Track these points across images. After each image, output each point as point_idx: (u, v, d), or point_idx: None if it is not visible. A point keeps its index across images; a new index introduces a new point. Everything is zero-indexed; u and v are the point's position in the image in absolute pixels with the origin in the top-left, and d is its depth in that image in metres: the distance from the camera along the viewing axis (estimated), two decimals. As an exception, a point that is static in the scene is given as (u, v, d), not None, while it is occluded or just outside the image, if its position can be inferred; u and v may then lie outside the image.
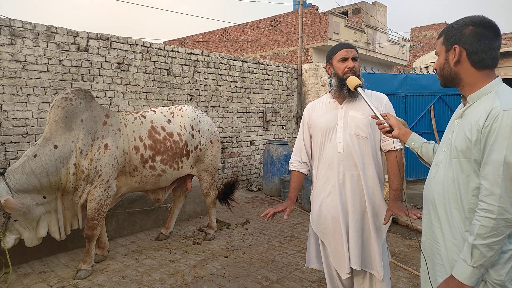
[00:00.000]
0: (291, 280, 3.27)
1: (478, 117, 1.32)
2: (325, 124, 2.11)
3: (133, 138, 3.52)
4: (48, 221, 3.21)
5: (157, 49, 5.87)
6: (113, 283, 3.19)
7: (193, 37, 18.85)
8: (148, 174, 3.63)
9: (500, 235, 1.23)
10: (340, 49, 2.08)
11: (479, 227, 1.25)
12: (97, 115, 3.33)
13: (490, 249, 1.24)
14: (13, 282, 3.16)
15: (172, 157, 3.77)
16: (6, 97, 4.38)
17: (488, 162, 1.27)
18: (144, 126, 3.64)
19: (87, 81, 5.04)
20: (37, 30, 4.60)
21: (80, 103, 3.25)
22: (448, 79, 1.47)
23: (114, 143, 3.35)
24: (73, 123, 3.18)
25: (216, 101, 6.78)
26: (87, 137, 3.22)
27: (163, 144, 3.70)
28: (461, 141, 1.37)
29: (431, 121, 7.92)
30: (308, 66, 8.45)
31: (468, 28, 1.39)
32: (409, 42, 19.45)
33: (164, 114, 3.91)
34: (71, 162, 3.16)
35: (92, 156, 3.22)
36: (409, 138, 1.71)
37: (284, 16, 15.06)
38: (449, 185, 1.41)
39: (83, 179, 3.22)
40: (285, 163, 6.51)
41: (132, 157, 3.50)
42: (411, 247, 4.15)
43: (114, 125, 3.42)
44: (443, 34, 1.48)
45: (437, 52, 1.51)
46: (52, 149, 3.09)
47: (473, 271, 1.28)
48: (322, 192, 2.15)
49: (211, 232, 4.35)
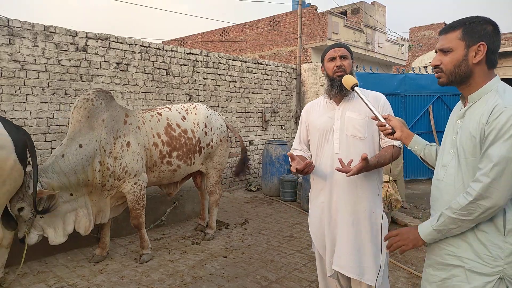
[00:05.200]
0: (290, 280, 3.27)
1: (482, 115, 1.33)
2: (322, 125, 2.11)
3: (151, 135, 3.70)
4: (74, 217, 3.32)
5: (156, 49, 5.86)
6: (112, 283, 3.18)
7: (192, 37, 18.83)
8: (165, 169, 3.83)
9: (467, 216, 1.33)
10: (329, 50, 2.11)
11: (455, 202, 1.37)
12: (118, 114, 3.47)
13: (453, 223, 1.37)
14: (11, 282, 3.16)
15: (186, 153, 3.96)
16: (4, 97, 4.37)
17: (485, 155, 1.30)
18: (160, 123, 3.82)
19: (85, 81, 5.03)
20: (36, 30, 4.59)
21: (101, 103, 3.38)
22: (461, 77, 1.40)
23: (136, 140, 3.52)
24: (95, 122, 3.32)
25: (215, 101, 6.77)
26: (109, 136, 3.36)
27: (179, 140, 3.89)
28: (466, 141, 1.38)
29: (430, 121, 7.93)
30: (307, 66, 8.44)
31: (489, 26, 1.37)
32: (408, 42, 19.47)
33: (179, 111, 4.08)
34: (96, 160, 3.30)
35: (116, 154, 3.38)
36: (411, 141, 1.68)
37: (283, 16, 15.05)
38: (459, 187, 1.42)
39: (110, 176, 3.38)
40: (284, 163, 6.51)
41: (152, 153, 3.68)
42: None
43: (134, 123, 3.58)
44: (459, 28, 1.39)
45: (448, 47, 1.40)
46: (78, 148, 3.22)
47: (432, 232, 1.44)
48: (319, 193, 2.15)
49: (210, 232, 4.37)
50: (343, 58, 2.06)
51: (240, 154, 4.81)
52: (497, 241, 1.33)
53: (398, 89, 7.76)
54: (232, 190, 7.04)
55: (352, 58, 2.13)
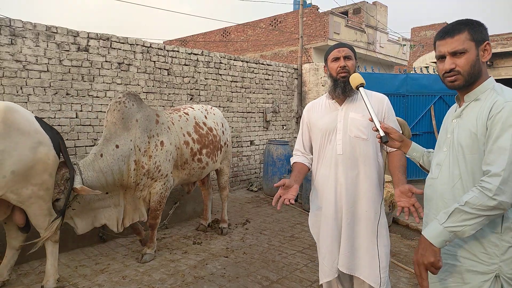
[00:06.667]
0: (291, 280, 3.27)
1: (481, 112, 1.34)
2: (324, 125, 2.10)
3: (182, 134, 3.86)
4: (107, 214, 3.46)
5: (157, 49, 5.86)
6: (113, 283, 3.19)
7: (193, 37, 18.84)
8: (196, 166, 4.01)
9: (485, 212, 1.25)
10: (333, 49, 2.08)
11: (473, 197, 1.27)
12: (150, 114, 3.61)
13: (470, 219, 1.26)
14: (13, 281, 3.17)
15: (213, 150, 4.19)
16: (6, 97, 4.38)
17: (493, 149, 1.28)
18: (189, 122, 4.02)
19: (87, 81, 5.04)
20: (37, 30, 4.60)
21: (133, 104, 3.52)
22: (476, 76, 1.41)
23: (168, 139, 3.66)
24: (129, 123, 3.45)
25: (216, 101, 6.78)
26: (143, 135, 3.49)
27: (207, 138, 4.11)
28: (465, 137, 1.39)
29: (431, 121, 7.91)
30: (309, 66, 8.44)
31: (485, 28, 1.42)
32: (409, 42, 19.43)
33: (201, 111, 4.30)
34: (131, 159, 3.43)
35: (150, 152, 3.51)
36: (410, 149, 1.72)
37: (284, 16, 15.05)
38: (456, 183, 1.42)
39: (144, 174, 3.50)
40: (285, 163, 6.51)
41: (183, 151, 3.83)
42: (412, 247, 4.15)
43: (165, 123, 3.73)
44: (465, 29, 1.40)
45: (463, 49, 1.39)
46: (115, 148, 3.35)
47: (442, 231, 1.29)
48: (320, 193, 2.14)
49: (225, 226, 4.56)
50: (347, 59, 2.05)
51: None
52: (493, 239, 1.33)
53: (400, 89, 7.75)
54: (233, 190, 7.04)
55: (355, 58, 2.11)
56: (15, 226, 3.03)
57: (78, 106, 4.99)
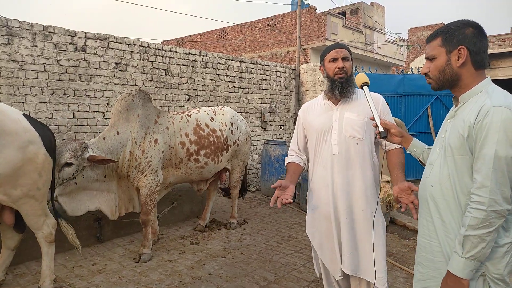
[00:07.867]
0: (289, 280, 3.27)
1: (470, 114, 1.35)
2: (320, 125, 2.10)
3: (179, 134, 4.01)
4: (102, 199, 3.64)
5: (155, 49, 5.86)
6: (110, 284, 3.18)
7: (191, 37, 18.82)
8: (193, 166, 4.13)
9: (491, 227, 1.26)
10: (331, 50, 2.08)
11: (471, 218, 1.28)
12: (151, 113, 3.82)
13: (482, 240, 1.27)
14: (9, 282, 3.15)
15: (214, 151, 4.28)
16: (3, 97, 4.36)
17: (480, 156, 1.30)
18: (190, 123, 4.16)
19: (84, 81, 5.03)
20: (35, 30, 4.58)
21: (139, 101, 3.76)
22: (448, 81, 1.47)
23: (163, 138, 3.84)
24: (131, 115, 3.69)
25: (214, 101, 6.77)
26: (141, 130, 3.71)
27: (207, 139, 4.21)
28: (454, 139, 1.40)
29: (428, 122, 7.94)
30: (306, 67, 8.45)
31: (469, 29, 1.42)
32: (406, 42, 19.50)
33: (208, 113, 4.46)
34: (127, 149, 3.65)
35: (144, 147, 3.70)
36: (410, 144, 1.74)
37: (282, 16, 15.06)
38: (445, 183, 1.43)
39: (135, 167, 3.68)
40: (283, 163, 6.47)
41: (178, 151, 3.98)
42: (409, 247, 4.16)
43: (163, 124, 3.91)
44: (439, 36, 1.47)
45: (432, 55, 1.48)
46: (115, 134, 3.62)
47: (465, 262, 1.29)
48: (317, 193, 2.14)
49: (234, 221, 4.75)
50: (345, 60, 2.06)
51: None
52: None
53: (397, 89, 7.78)
54: (231, 191, 7.03)
55: (351, 59, 2.12)
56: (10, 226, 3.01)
57: (76, 106, 4.97)
